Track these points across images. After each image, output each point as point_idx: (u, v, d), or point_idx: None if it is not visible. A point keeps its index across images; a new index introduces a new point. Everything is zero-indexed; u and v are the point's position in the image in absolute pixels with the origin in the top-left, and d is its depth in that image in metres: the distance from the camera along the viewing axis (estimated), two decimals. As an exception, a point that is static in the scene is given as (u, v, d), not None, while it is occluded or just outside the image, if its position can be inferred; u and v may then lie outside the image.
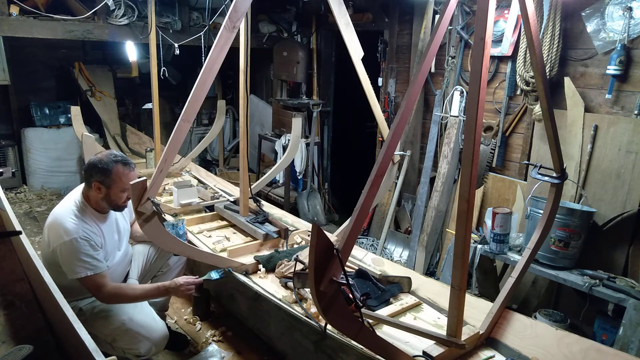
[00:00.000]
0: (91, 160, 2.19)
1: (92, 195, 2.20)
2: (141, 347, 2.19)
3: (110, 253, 2.29)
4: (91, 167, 2.16)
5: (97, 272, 2.10)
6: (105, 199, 2.19)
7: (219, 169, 6.09)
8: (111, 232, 2.32)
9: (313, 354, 2.24)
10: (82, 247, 2.07)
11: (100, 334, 2.19)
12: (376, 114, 2.64)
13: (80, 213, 2.15)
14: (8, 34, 4.17)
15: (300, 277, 2.15)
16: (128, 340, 2.19)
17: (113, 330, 2.20)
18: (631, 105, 2.82)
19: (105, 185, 2.15)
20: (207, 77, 1.93)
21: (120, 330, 2.20)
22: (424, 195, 3.97)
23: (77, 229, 2.08)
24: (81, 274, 2.06)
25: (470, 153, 1.57)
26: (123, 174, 2.17)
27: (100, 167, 2.14)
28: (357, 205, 1.44)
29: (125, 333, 2.19)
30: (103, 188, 2.16)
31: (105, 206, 2.23)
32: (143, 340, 2.20)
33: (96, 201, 2.20)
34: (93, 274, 2.09)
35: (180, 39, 4.45)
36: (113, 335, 2.20)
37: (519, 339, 1.95)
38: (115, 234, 2.36)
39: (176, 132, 1.96)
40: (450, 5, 1.56)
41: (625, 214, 2.76)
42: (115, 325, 2.21)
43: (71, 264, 2.06)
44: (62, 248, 2.07)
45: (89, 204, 2.20)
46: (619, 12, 2.78)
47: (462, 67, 3.80)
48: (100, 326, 2.21)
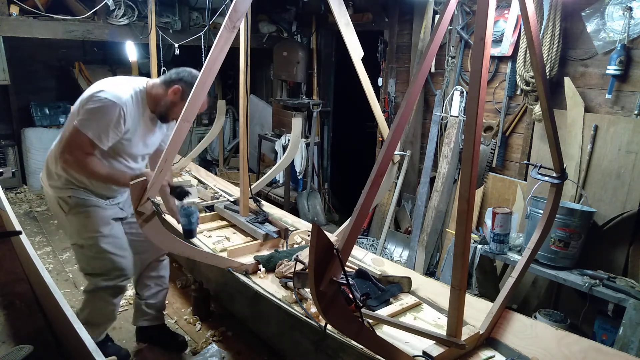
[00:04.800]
0: (185, 70, 2.20)
1: (157, 94, 2.19)
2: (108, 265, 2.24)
3: (127, 148, 2.22)
4: (182, 74, 2.17)
5: (95, 142, 2.04)
6: (169, 105, 2.19)
7: (219, 169, 6.08)
8: (143, 137, 2.27)
9: (313, 354, 2.24)
10: (113, 117, 2.02)
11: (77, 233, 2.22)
12: (376, 114, 2.64)
13: (137, 96, 2.14)
14: (8, 34, 4.18)
15: (300, 277, 2.15)
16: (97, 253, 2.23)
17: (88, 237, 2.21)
18: (631, 105, 2.82)
19: (183, 96, 2.14)
20: (207, 77, 1.93)
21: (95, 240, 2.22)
22: (424, 195, 3.97)
23: (122, 100, 2.04)
24: (84, 129, 2.00)
25: (470, 153, 1.57)
26: (202, 99, 2.17)
27: (189, 81, 2.13)
28: (357, 205, 1.44)
29: (96, 246, 2.22)
30: (178, 96, 2.16)
31: (161, 111, 2.22)
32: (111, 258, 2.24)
33: (157, 101, 2.19)
34: (92, 137, 2.02)
35: (180, 39, 4.45)
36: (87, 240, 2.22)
37: (519, 339, 1.95)
38: (146, 141, 2.31)
39: (176, 132, 1.96)
40: (450, 5, 1.56)
41: (625, 214, 2.76)
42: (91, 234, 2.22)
43: (88, 117, 2.00)
44: (93, 101, 2.01)
45: (147, 98, 2.19)
46: (619, 12, 2.78)
47: (462, 67, 3.80)
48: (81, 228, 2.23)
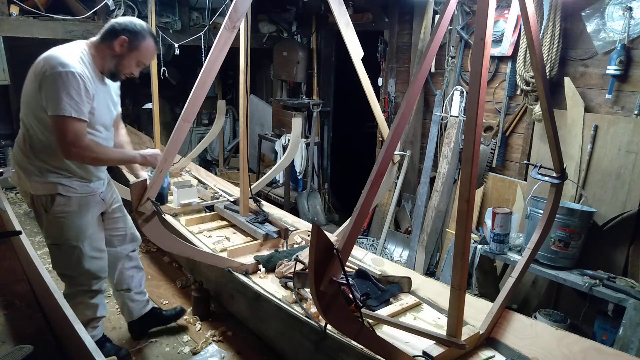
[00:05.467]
0: (125, 19, 2.11)
1: (102, 52, 2.08)
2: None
3: (98, 119, 2.12)
4: (124, 24, 2.06)
5: (81, 118, 1.94)
6: (117, 59, 2.08)
7: (219, 169, 6.09)
8: (105, 100, 2.16)
9: (313, 354, 2.24)
10: (76, 83, 1.92)
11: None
12: (376, 114, 2.64)
13: (84, 59, 2.03)
14: (8, 34, 4.17)
15: (300, 277, 2.15)
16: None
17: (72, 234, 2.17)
18: (631, 105, 2.82)
19: (130, 46, 2.06)
20: (207, 77, 1.93)
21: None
22: (424, 195, 3.97)
23: (78, 67, 1.95)
24: (65, 112, 1.89)
25: (470, 153, 1.57)
26: (150, 48, 2.12)
27: (134, 29, 2.06)
28: (357, 205, 1.44)
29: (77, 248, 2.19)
30: (126, 47, 2.06)
31: (110, 68, 2.10)
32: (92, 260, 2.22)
33: (103, 60, 2.08)
34: (77, 117, 1.92)
35: (180, 39, 4.45)
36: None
37: (519, 339, 1.95)
38: (109, 105, 2.21)
39: (176, 132, 1.96)
40: (450, 5, 1.56)
41: (625, 214, 2.76)
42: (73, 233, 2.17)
43: (58, 97, 1.88)
44: (53, 78, 1.89)
45: (93, 59, 2.08)
46: (619, 12, 2.78)
47: (462, 67, 3.80)
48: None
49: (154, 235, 2.14)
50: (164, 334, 2.78)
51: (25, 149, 2.11)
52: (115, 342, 2.62)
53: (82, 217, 2.19)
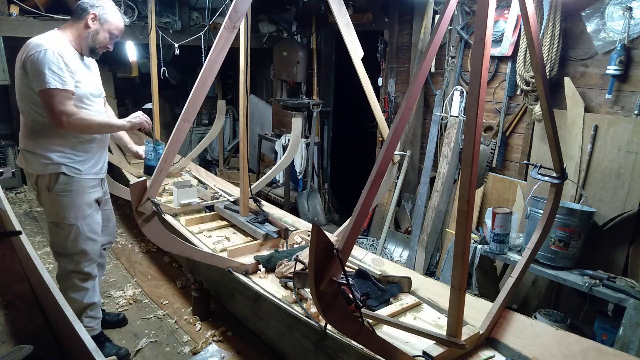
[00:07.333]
0: None
1: (77, 32, 2.20)
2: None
3: (85, 91, 2.24)
4: (90, 2, 2.20)
5: (66, 88, 2.07)
6: (93, 35, 2.21)
7: (219, 169, 6.09)
8: (87, 77, 2.27)
9: (313, 354, 2.24)
10: (55, 59, 2.04)
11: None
12: (376, 114, 2.64)
13: (61, 41, 2.15)
14: (8, 34, 4.17)
15: (300, 277, 2.15)
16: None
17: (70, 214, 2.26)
18: (631, 105, 2.82)
19: (101, 19, 2.20)
20: (207, 77, 1.93)
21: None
22: (424, 195, 3.98)
23: (54, 45, 2.07)
24: (50, 84, 2.02)
25: (470, 153, 1.57)
26: (118, 17, 2.26)
27: (99, 4, 2.20)
28: (357, 205, 1.44)
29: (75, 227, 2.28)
30: (97, 22, 2.19)
31: (88, 45, 2.22)
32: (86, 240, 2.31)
33: (79, 38, 2.21)
34: (62, 88, 2.05)
35: (180, 39, 4.45)
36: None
37: (519, 339, 1.95)
38: (94, 82, 2.33)
39: (176, 132, 1.96)
40: (450, 5, 1.56)
41: (625, 214, 2.76)
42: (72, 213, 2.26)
43: (41, 73, 2.02)
44: (34, 58, 2.03)
45: (70, 42, 2.20)
46: (619, 12, 2.78)
47: (462, 67, 3.80)
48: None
49: (154, 235, 2.14)
50: (164, 334, 2.78)
51: (29, 134, 2.23)
52: (115, 342, 2.62)
53: (82, 198, 2.29)
